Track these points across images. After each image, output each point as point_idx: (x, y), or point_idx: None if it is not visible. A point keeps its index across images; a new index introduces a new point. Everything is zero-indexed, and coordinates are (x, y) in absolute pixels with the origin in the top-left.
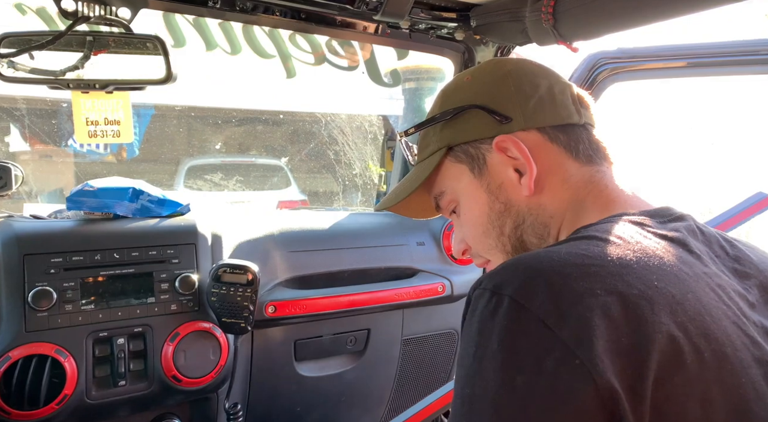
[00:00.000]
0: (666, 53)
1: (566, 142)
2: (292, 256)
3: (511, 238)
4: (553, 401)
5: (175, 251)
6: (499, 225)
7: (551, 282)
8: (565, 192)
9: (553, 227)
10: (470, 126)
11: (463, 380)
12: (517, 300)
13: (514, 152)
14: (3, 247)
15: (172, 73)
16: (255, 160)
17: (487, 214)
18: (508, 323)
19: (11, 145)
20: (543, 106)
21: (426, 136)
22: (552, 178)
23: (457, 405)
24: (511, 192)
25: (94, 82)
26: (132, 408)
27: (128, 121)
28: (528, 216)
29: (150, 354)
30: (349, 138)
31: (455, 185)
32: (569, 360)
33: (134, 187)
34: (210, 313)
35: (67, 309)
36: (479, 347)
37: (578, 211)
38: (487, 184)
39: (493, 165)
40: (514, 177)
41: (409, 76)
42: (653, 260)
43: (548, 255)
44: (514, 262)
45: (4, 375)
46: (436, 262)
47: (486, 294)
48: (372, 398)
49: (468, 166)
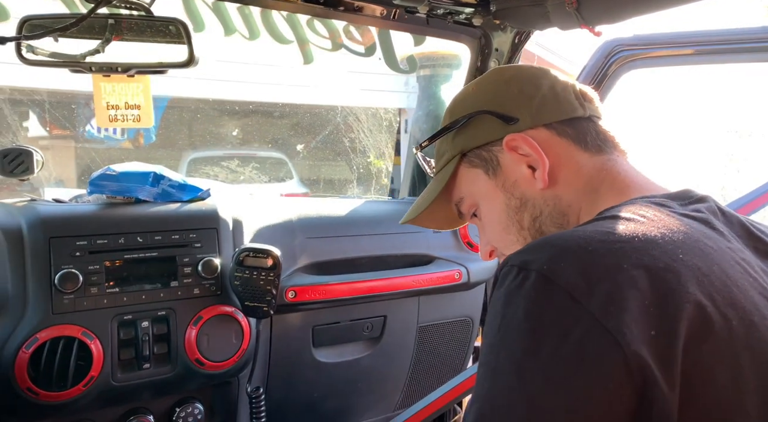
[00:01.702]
0: (684, 40)
1: (574, 134)
2: (310, 242)
3: (531, 231)
4: (579, 368)
5: (197, 235)
6: (518, 220)
7: (578, 258)
8: (579, 181)
9: (572, 215)
10: (480, 131)
11: (487, 350)
12: (544, 274)
13: (525, 149)
14: (29, 230)
15: (194, 57)
16: (257, 152)
17: (505, 211)
18: (535, 295)
19: (30, 130)
20: (546, 103)
21: (440, 147)
22: (564, 170)
23: (481, 375)
24: (525, 187)
25: (117, 65)
26: (155, 392)
27: (148, 106)
28: (545, 208)
29: (173, 337)
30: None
31: (473, 189)
32: (596, 330)
33: (155, 172)
34: (232, 297)
35: (92, 291)
36: (504, 318)
37: (595, 198)
38: (502, 183)
39: (506, 164)
40: (528, 173)
41: (425, 63)
42: (677, 235)
43: (573, 234)
44: (539, 242)
45: (32, 357)
46: (453, 249)
47: (513, 270)
48: (388, 385)
49: (482, 169)
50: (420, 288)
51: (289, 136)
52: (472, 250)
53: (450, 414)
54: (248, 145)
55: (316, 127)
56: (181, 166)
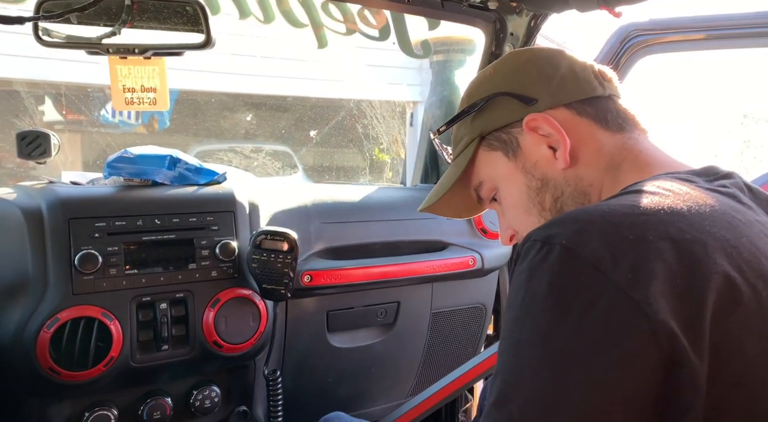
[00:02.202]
0: (701, 24)
1: (594, 113)
2: (325, 228)
3: (553, 211)
4: (606, 339)
5: (214, 218)
6: (539, 202)
7: (603, 231)
8: (601, 160)
9: (593, 194)
10: (499, 113)
11: (511, 324)
12: (569, 246)
13: (546, 129)
14: (48, 211)
15: (211, 39)
16: (262, 145)
17: (526, 193)
18: (559, 267)
19: (46, 115)
20: (566, 83)
21: (458, 131)
22: (585, 149)
23: (504, 348)
24: (546, 168)
25: (133, 46)
26: (173, 374)
27: (164, 88)
28: (566, 188)
29: (191, 319)
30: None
31: (492, 172)
32: (623, 301)
33: (171, 155)
34: (249, 280)
35: (111, 273)
36: (528, 291)
37: (616, 176)
38: (523, 165)
39: (527, 145)
40: (548, 153)
41: (439, 48)
42: (704, 208)
43: (597, 208)
44: (562, 216)
45: (54, 337)
46: (467, 236)
47: (536, 244)
48: (401, 370)
49: (502, 151)
50: (434, 274)
51: (294, 130)
52: (486, 237)
53: (461, 401)
54: (254, 138)
55: (324, 119)
56: None
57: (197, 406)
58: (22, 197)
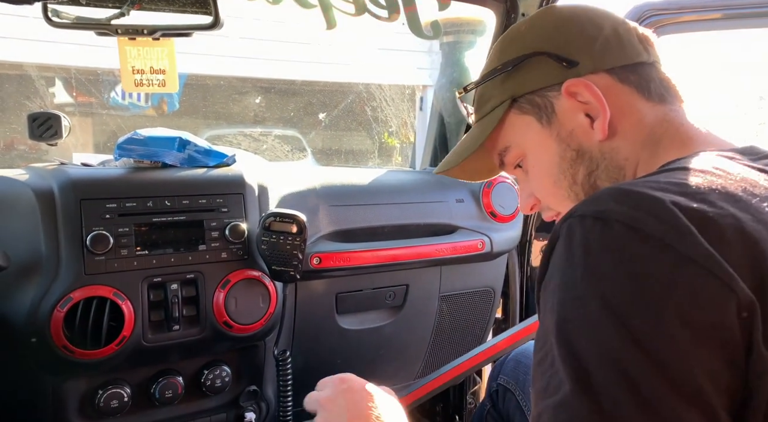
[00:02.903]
0: (717, 3)
1: (637, 81)
2: (334, 210)
3: (585, 186)
4: (693, 314)
5: (224, 200)
6: (572, 174)
7: (662, 206)
8: (640, 133)
9: (629, 169)
10: (534, 74)
11: (572, 303)
12: (628, 223)
13: (585, 96)
14: (60, 192)
15: (219, 20)
16: (272, 129)
17: (557, 164)
18: (625, 244)
19: (57, 97)
20: (609, 46)
21: (485, 92)
22: (625, 120)
23: (566, 330)
24: (582, 138)
25: (142, 27)
26: (184, 353)
27: (173, 70)
28: (602, 161)
29: (202, 300)
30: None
31: (521, 138)
32: (703, 276)
33: (181, 137)
34: (259, 262)
35: (122, 253)
36: (588, 268)
37: (655, 151)
38: (557, 133)
39: (563, 112)
40: (585, 122)
41: (449, 29)
42: (758, 190)
43: (647, 183)
44: (611, 190)
45: (67, 316)
46: (476, 219)
47: (587, 220)
48: (409, 353)
49: (535, 116)
50: (442, 257)
51: (303, 114)
52: (496, 220)
53: (470, 383)
54: (263, 122)
55: (333, 103)
56: None
57: (208, 385)
58: (34, 178)
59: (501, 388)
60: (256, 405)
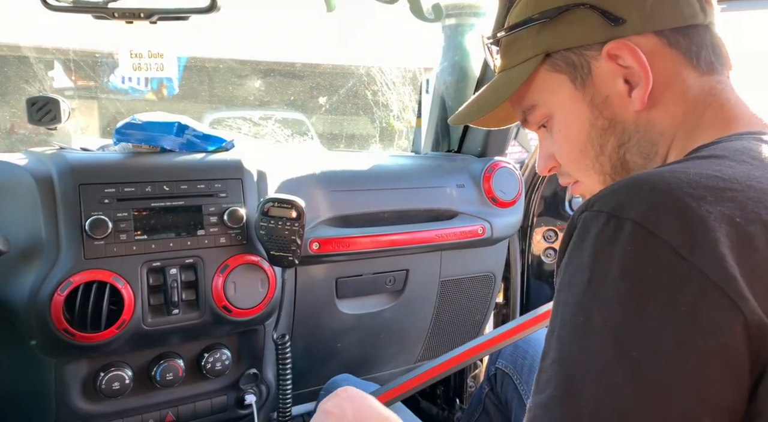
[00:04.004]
0: None
1: (687, 46)
2: (334, 196)
3: (612, 158)
4: (693, 335)
5: (222, 185)
6: (600, 144)
7: (683, 207)
8: (681, 106)
9: (662, 145)
10: (575, 29)
11: (574, 309)
12: (643, 225)
13: (628, 60)
14: (59, 177)
15: (216, 3)
16: (275, 113)
17: (587, 131)
18: (634, 250)
19: (56, 81)
20: (662, 4)
21: (516, 41)
22: (667, 91)
23: (565, 334)
24: (617, 106)
25: (139, 11)
26: (184, 337)
27: (172, 55)
28: (635, 134)
29: (201, 284)
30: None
31: (551, 98)
32: (711, 293)
33: (179, 122)
34: (258, 247)
35: (121, 238)
36: (596, 274)
37: (693, 128)
38: (591, 97)
39: (600, 75)
40: (623, 89)
41: (450, 12)
42: None
43: (674, 176)
44: (632, 182)
45: (67, 300)
46: (476, 205)
47: (601, 217)
48: (409, 337)
49: (569, 76)
50: (443, 243)
51: (308, 97)
52: (496, 206)
53: (470, 367)
54: (266, 106)
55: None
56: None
57: (208, 368)
58: (33, 163)
59: (499, 372)
60: (257, 388)
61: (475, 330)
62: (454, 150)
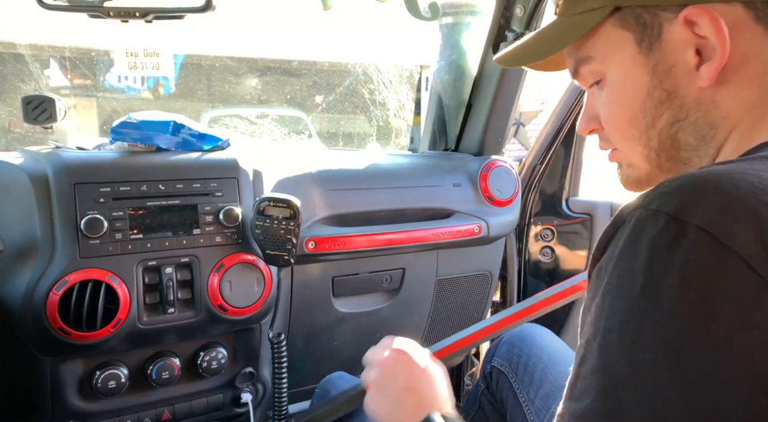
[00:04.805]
0: None
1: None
2: (329, 195)
3: (662, 134)
4: (760, 359)
5: (218, 184)
6: (653, 116)
7: (755, 214)
8: (753, 90)
9: (722, 130)
10: None
11: (622, 315)
12: (710, 232)
13: (706, 30)
14: (54, 176)
15: (211, 2)
16: (275, 110)
17: (642, 100)
18: (698, 259)
19: (52, 79)
20: None
21: None
22: (741, 70)
23: (608, 340)
24: (681, 78)
25: (134, 10)
26: (180, 336)
27: (167, 53)
28: (693, 112)
29: (197, 283)
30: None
31: (610, 55)
32: None
33: (175, 121)
34: (253, 246)
35: (117, 237)
36: (650, 281)
37: (761, 118)
38: (654, 64)
39: (670, 41)
40: (692, 61)
41: (447, 10)
42: None
43: (744, 178)
44: (695, 181)
45: (62, 299)
46: (473, 204)
47: (660, 218)
48: (406, 335)
49: (635, 36)
50: (439, 242)
51: (306, 95)
52: (493, 204)
53: (467, 365)
54: (264, 103)
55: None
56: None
57: (204, 367)
58: (29, 162)
59: (495, 370)
60: (252, 387)
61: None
62: (451, 148)
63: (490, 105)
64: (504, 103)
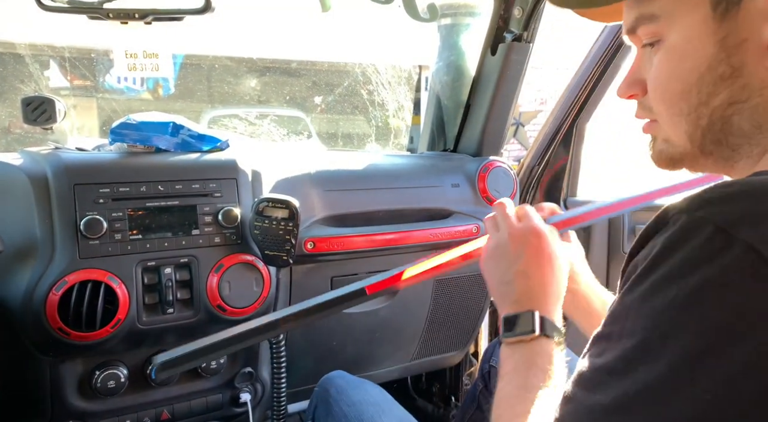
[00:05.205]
0: None
1: None
2: (328, 195)
3: (715, 114)
4: None
5: (217, 185)
6: (708, 93)
7: None
8: None
9: None
10: None
11: (647, 321)
12: (757, 249)
13: None
14: (54, 177)
15: (210, 4)
16: (274, 111)
17: (700, 73)
18: (740, 278)
19: (51, 80)
20: None
21: None
22: None
23: (629, 343)
24: (751, 56)
25: (134, 11)
26: (179, 335)
27: (167, 55)
28: (756, 96)
29: (196, 284)
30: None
31: (678, 16)
32: None
33: (174, 122)
34: (252, 246)
35: (116, 238)
36: (683, 292)
37: None
38: (725, 35)
39: (750, 11)
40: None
41: (446, 12)
42: None
43: None
44: (751, 190)
45: (62, 299)
46: (471, 204)
47: (706, 227)
48: (404, 335)
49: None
50: (438, 242)
51: (306, 95)
52: (491, 205)
53: (465, 365)
54: (264, 104)
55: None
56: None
57: (204, 366)
58: (28, 162)
59: (493, 369)
60: (251, 386)
61: (471, 328)
62: (449, 149)
63: (489, 106)
64: (502, 104)
